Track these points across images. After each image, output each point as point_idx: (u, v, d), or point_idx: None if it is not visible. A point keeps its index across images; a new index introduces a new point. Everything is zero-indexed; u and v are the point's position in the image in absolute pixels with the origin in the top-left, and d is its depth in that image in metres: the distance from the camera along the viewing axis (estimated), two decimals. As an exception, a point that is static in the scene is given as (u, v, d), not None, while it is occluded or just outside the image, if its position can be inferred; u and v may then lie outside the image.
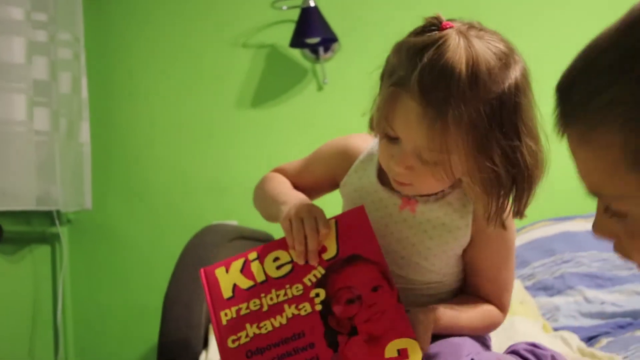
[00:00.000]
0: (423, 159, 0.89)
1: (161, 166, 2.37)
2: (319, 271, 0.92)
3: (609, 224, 0.63)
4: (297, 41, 2.23)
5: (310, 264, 0.93)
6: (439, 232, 1.00)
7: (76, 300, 2.36)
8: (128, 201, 2.37)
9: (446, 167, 0.88)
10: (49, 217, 2.24)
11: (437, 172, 0.89)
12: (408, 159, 0.89)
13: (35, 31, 1.99)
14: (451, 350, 0.93)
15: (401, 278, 1.01)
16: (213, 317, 0.93)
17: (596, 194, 0.62)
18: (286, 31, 2.28)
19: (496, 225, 0.93)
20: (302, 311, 0.91)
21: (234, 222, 2.15)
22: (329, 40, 2.25)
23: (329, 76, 2.33)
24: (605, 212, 0.63)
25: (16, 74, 1.92)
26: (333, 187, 1.13)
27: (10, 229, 2.04)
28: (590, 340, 1.63)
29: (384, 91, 0.90)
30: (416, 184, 0.93)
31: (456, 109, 0.83)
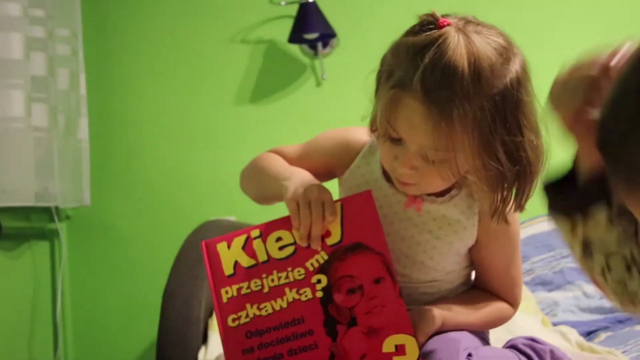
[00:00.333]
0: (428, 159, 0.88)
1: (159, 162, 2.37)
2: (322, 256, 0.92)
3: None
4: (296, 37, 2.23)
5: (312, 249, 0.92)
6: (445, 232, 1.00)
7: (75, 296, 2.36)
8: (127, 197, 2.37)
9: (452, 166, 0.87)
10: (48, 213, 2.24)
11: (443, 171, 0.88)
12: (413, 160, 0.89)
13: (32, 27, 1.98)
14: (449, 345, 0.93)
15: (404, 277, 1.01)
16: (214, 294, 0.93)
17: None
18: (284, 27, 2.27)
19: (500, 220, 0.93)
20: (303, 296, 0.91)
21: (232, 218, 2.15)
22: (328, 35, 2.25)
23: (328, 72, 2.32)
24: None
25: (14, 70, 1.92)
26: (328, 179, 1.11)
27: (9, 225, 2.04)
28: (589, 335, 1.64)
29: (384, 94, 0.88)
30: (421, 184, 0.93)
31: (461, 108, 0.83)
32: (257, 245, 0.93)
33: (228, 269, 0.93)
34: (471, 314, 1.02)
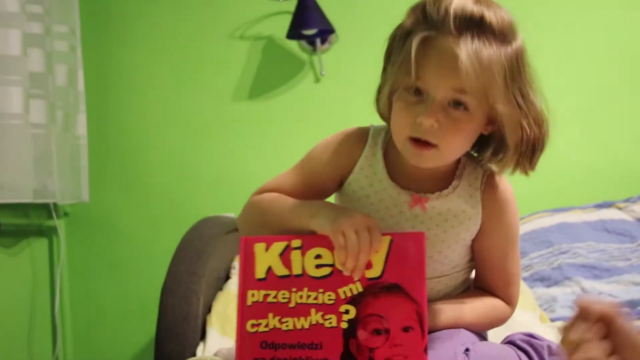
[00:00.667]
0: (451, 113, 0.91)
1: (158, 158, 2.37)
2: (357, 287, 0.88)
3: None
4: (294, 33, 2.22)
5: (349, 276, 0.89)
6: (451, 224, 1.02)
7: (74, 292, 2.36)
8: (125, 194, 2.37)
9: (474, 118, 0.91)
10: (46, 210, 2.24)
11: (465, 126, 0.92)
12: (437, 111, 0.90)
13: (30, 23, 1.98)
14: (445, 341, 0.93)
15: None
16: (240, 294, 0.91)
17: None
18: (283, 23, 2.27)
19: (525, 169, 0.98)
20: (327, 323, 0.88)
21: (231, 215, 2.15)
22: (326, 31, 2.25)
23: (326, 68, 2.32)
24: None
25: (12, 67, 1.91)
26: (338, 189, 1.09)
27: (7, 222, 2.04)
28: (587, 330, 1.64)
29: (408, 47, 0.91)
30: (441, 146, 0.92)
31: (490, 48, 0.89)
32: (295, 256, 0.91)
33: (260, 272, 0.91)
34: (465, 309, 1.02)
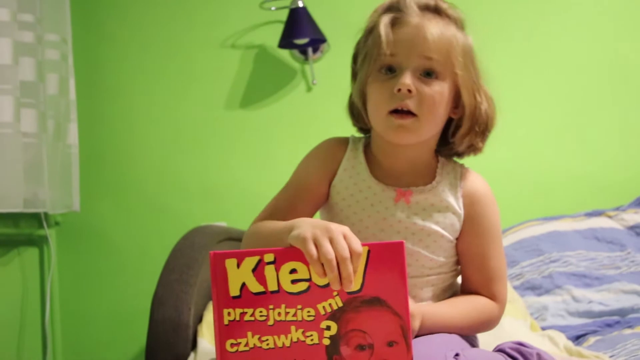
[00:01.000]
0: (424, 79, 1.01)
1: (150, 168, 2.36)
2: (336, 302, 0.85)
3: None
4: (286, 42, 2.23)
5: (328, 290, 0.85)
6: (436, 219, 1.06)
7: (64, 302, 2.35)
8: (117, 203, 2.36)
9: (444, 86, 1.02)
10: (37, 220, 2.23)
11: (438, 94, 1.02)
12: (413, 78, 1.01)
13: (21, 32, 1.97)
14: (434, 347, 0.93)
15: None
16: (215, 313, 0.86)
17: None
18: (275, 32, 2.28)
19: (474, 151, 1.10)
20: (309, 340, 0.85)
21: (223, 224, 2.15)
22: (318, 40, 2.26)
23: (318, 77, 2.33)
24: None
25: (3, 75, 1.91)
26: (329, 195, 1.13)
27: (-3, 232, 2.04)
28: (578, 339, 1.64)
29: (375, 32, 1.06)
30: (420, 113, 1.01)
31: (448, 27, 1.03)
32: (269, 272, 0.86)
33: (234, 290, 0.86)
34: (452, 310, 1.04)
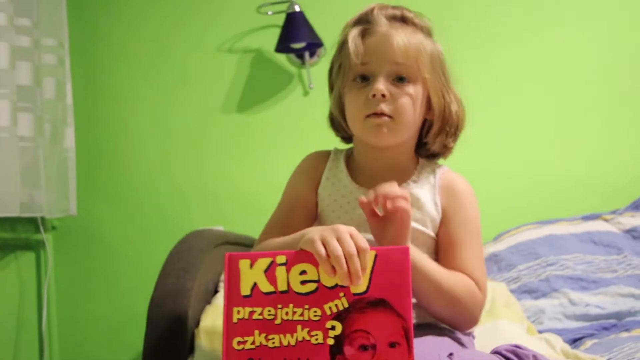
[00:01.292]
0: (396, 84, 1.07)
1: (147, 171, 2.36)
2: (342, 303, 0.89)
3: None
4: (283, 46, 2.24)
5: (335, 292, 0.88)
6: (419, 214, 1.10)
7: (61, 307, 2.34)
8: (113, 207, 2.36)
9: (416, 89, 1.07)
10: (34, 224, 2.23)
11: (411, 97, 1.07)
12: (386, 83, 1.06)
13: (18, 36, 1.98)
14: (429, 347, 0.94)
15: None
16: (225, 311, 0.91)
17: None
18: (271, 36, 2.28)
19: (446, 153, 1.16)
20: (314, 339, 0.88)
21: (220, 228, 2.15)
22: (315, 45, 2.26)
23: (315, 81, 2.33)
24: None
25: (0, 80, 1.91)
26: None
27: (-6, 236, 2.03)
28: (575, 342, 1.64)
29: (347, 47, 1.10)
30: (395, 114, 1.07)
31: (416, 35, 1.09)
32: (280, 273, 0.91)
33: (245, 289, 0.91)
34: (436, 266, 1.04)
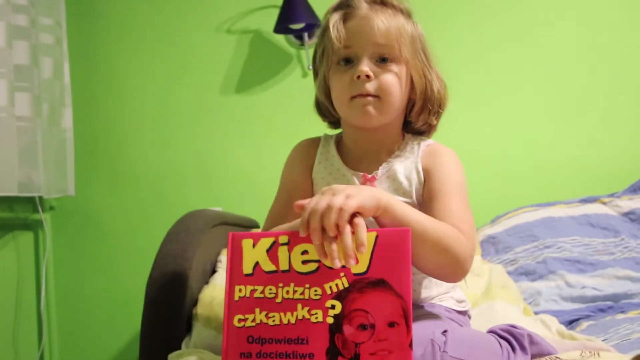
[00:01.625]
0: (380, 64, 1.08)
1: (145, 152, 2.36)
2: (343, 282, 0.89)
3: None
4: (282, 27, 2.22)
5: (336, 271, 0.89)
6: (402, 190, 1.12)
7: (59, 287, 2.35)
8: (112, 187, 2.36)
9: (400, 68, 1.08)
10: (32, 204, 2.23)
11: (394, 76, 1.08)
12: (370, 64, 1.07)
13: (15, 15, 1.96)
14: (424, 326, 0.94)
15: None
16: (227, 289, 0.92)
17: None
18: (270, 17, 2.27)
19: (429, 125, 1.18)
20: (313, 318, 0.89)
21: (218, 209, 2.15)
22: (314, 26, 2.25)
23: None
24: None
25: (-4, 59, 1.90)
26: None
27: (-8, 216, 2.03)
28: (571, 323, 1.65)
29: (329, 31, 1.08)
30: (381, 94, 1.07)
31: (396, 17, 1.09)
32: (282, 252, 0.92)
33: (247, 268, 0.92)
34: (423, 215, 0.99)
